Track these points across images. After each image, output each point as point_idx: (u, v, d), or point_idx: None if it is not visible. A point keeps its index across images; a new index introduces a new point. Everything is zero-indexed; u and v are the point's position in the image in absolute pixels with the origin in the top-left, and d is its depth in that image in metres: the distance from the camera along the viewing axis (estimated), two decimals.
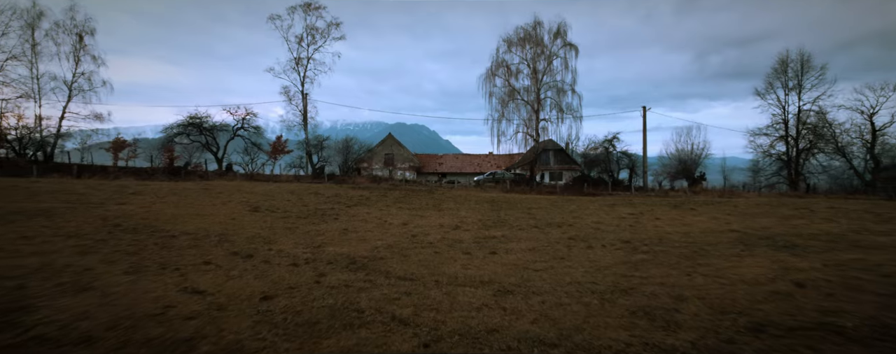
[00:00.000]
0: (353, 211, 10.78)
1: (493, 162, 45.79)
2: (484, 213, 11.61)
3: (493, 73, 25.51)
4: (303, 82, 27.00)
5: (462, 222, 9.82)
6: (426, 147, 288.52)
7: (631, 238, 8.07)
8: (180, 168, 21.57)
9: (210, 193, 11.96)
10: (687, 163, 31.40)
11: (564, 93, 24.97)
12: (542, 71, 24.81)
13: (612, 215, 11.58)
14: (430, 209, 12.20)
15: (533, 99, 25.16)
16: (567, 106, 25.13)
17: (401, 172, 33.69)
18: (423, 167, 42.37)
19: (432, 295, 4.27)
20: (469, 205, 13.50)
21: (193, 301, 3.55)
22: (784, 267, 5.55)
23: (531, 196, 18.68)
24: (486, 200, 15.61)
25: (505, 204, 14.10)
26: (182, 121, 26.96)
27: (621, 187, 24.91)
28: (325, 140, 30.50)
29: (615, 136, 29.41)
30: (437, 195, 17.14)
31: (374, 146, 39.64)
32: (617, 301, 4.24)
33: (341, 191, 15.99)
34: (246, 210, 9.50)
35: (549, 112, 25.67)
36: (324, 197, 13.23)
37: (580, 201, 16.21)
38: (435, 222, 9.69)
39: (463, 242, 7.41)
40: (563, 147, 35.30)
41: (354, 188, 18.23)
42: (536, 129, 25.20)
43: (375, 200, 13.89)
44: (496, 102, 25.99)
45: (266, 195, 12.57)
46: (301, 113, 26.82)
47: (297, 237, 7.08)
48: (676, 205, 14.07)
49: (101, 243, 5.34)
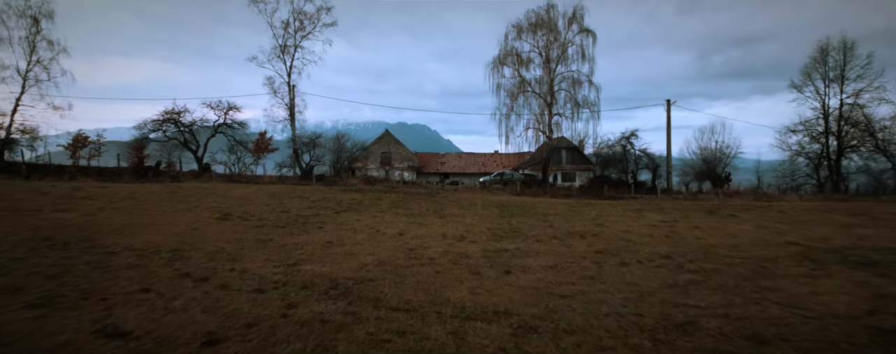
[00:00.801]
0: (341, 219, 10.06)
1: (499, 161, 45.05)
2: (493, 220, 10.88)
3: (501, 62, 24.73)
4: (289, 73, 26.26)
5: (468, 231, 9.09)
6: (427, 146, 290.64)
7: (670, 251, 7.31)
8: (151, 168, 20.90)
9: (176, 197, 11.28)
10: (711, 163, 30.57)
11: (580, 85, 24.20)
12: (556, 60, 24.02)
13: (642, 222, 10.82)
14: (431, 215, 11.47)
15: (545, 91, 24.38)
16: (583, 99, 24.36)
17: (399, 173, 32.99)
18: (424, 167, 41.67)
19: (433, 334, 3.54)
20: (475, 211, 12.76)
21: (108, 349, 2.82)
22: (875, 293, 4.78)
23: (545, 199, 17.91)
24: (495, 204, 14.86)
25: (516, 210, 13.36)
26: (157, 117, 26.32)
27: (643, 189, 24.13)
28: (317, 137, 29.81)
29: (633, 133, 28.60)
30: (439, 198, 16.40)
31: (369, 144, 38.97)
32: (675, 343, 3.49)
33: (330, 194, 15.28)
34: (214, 217, 8.79)
35: (562, 106, 24.90)
36: (309, 201, 12.53)
37: (601, 205, 15.44)
38: (436, 231, 8.96)
39: (470, 258, 6.68)
40: (575, 145, 34.53)
41: (346, 190, 17.51)
42: (549, 125, 24.43)
43: (368, 205, 13.17)
44: (504, 95, 25.24)
45: (242, 199, 11.87)
46: (287, 107, 26.07)
47: (269, 252, 6.36)
48: (712, 211, 13.30)
49: (16, 262, 4.63)
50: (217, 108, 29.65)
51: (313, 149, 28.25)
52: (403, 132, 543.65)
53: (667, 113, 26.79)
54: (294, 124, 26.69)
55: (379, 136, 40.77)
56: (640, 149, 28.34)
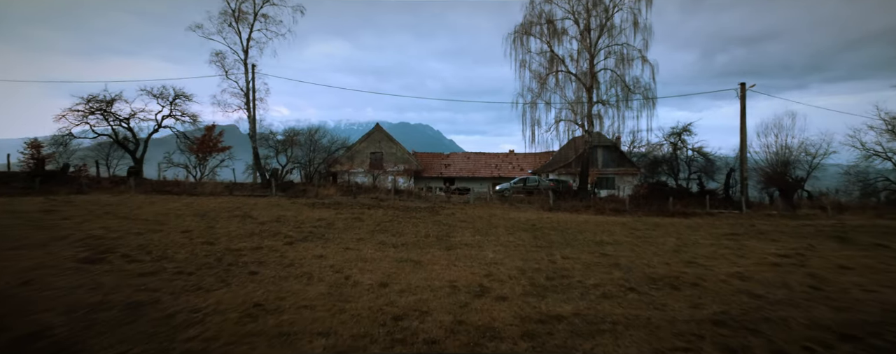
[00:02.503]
0: (294, 255, 7.96)
1: (516, 162, 42.93)
2: (526, 254, 8.74)
3: (526, 31, 22.44)
4: (246, 48, 24.05)
5: (491, 277, 6.96)
6: (430, 147, 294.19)
7: (840, 319, 5.10)
8: (52, 174, 18.78)
9: (46, 221, 9.41)
10: (777, 167, 28.31)
11: (630, 63, 21.94)
12: (599, 29, 21.81)
13: (753, 258, 8.63)
14: (433, 246, 9.36)
15: (584, 71, 22.21)
16: (634, 81, 22.14)
17: (392, 178, 30.88)
18: (425, 170, 39.63)
19: None
20: (497, 236, 10.63)
21: None
22: None
23: (590, 216, 15.70)
24: (523, 225, 12.72)
25: (555, 234, 11.21)
26: (78, 107, 24.48)
27: (714, 200, 21.91)
28: (295, 135, 27.61)
29: (686, 129, 26.21)
30: (445, 217, 14.29)
31: (355, 143, 36.93)
32: None
33: (290, 212, 13.20)
34: (77, 257, 6.74)
35: (606, 90, 22.71)
36: (254, 223, 10.48)
37: (673, 227, 13.24)
38: (441, 277, 6.85)
39: (501, 336, 4.53)
40: (613, 142, 32.14)
41: (314, 205, 15.44)
42: (588, 115, 22.23)
43: (342, 228, 11.08)
44: (529, 77, 22.99)
45: (152, 222, 9.87)
46: (243, 93, 23.96)
47: (137, 330, 4.24)
48: (843, 238, 11.07)
49: None
50: (161, 97, 27.98)
51: (290, 148, 26.11)
52: (405, 132, 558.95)
53: (741, 101, 24.42)
54: (253, 116, 24.62)
55: (368, 133, 38.75)
56: (693, 147, 26.01)
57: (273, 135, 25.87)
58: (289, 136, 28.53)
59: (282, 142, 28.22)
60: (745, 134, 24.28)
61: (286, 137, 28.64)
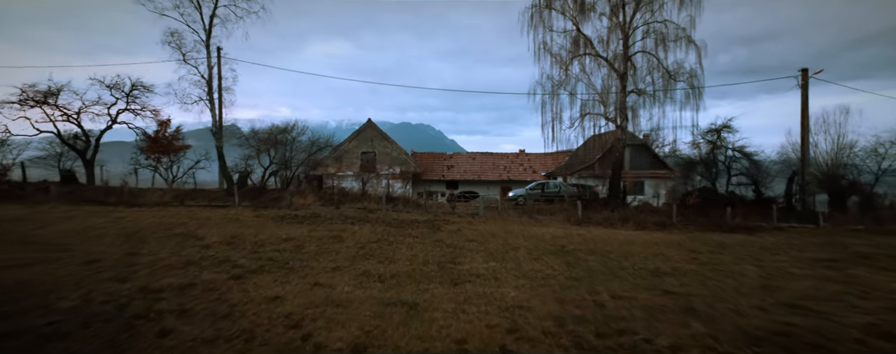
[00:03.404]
0: (237, 296, 6.29)
1: (528, 164, 41.22)
2: (560, 292, 7.05)
3: (548, 5, 20.69)
4: (210, 26, 22.14)
5: (516, 335, 5.29)
6: (431, 147, 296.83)
7: None
8: None
9: None
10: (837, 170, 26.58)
11: (675, 44, 20.14)
12: (634, 3, 20.04)
13: (881, 300, 6.93)
14: (434, 278, 7.70)
15: (616, 54, 20.46)
16: (676, 66, 20.37)
17: (386, 182, 29.21)
18: (424, 173, 37.95)
19: None
20: (517, 264, 8.95)
21: None
22: None
23: (631, 232, 13.97)
24: (548, 246, 11.03)
25: (593, 259, 9.52)
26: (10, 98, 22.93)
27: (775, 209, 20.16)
28: (280, 133, 25.72)
29: (726, 125, 24.46)
30: (449, 234, 12.60)
31: (343, 141, 35.23)
32: None
33: (251, 229, 11.55)
34: None
35: (642, 77, 20.94)
36: (199, 245, 8.84)
37: (742, 248, 11.54)
38: (444, 332, 5.20)
39: None
40: (642, 140, 30.40)
41: (285, 219, 13.79)
42: (621, 107, 20.48)
43: (316, 251, 9.42)
44: (550, 62, 21.21)
45: (55, 246, 8.27)
46: (205, 81, 22.17)
47: None
48: None
49: None
50: (115, 88, 26.45)
51: (273, 148, 24.29)
52: (406, 132, 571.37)
53: (802, 91, 22.52)
54: (219, 108, 22.84)
55: (358, 129, 37.06)
56: (734, 146, 24.26)
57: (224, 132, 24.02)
58: (272, 134, 26.75)
59: (264, 140, 26.44)
60: (807, 130, 22.58)
61: (270, 135, 26.88)
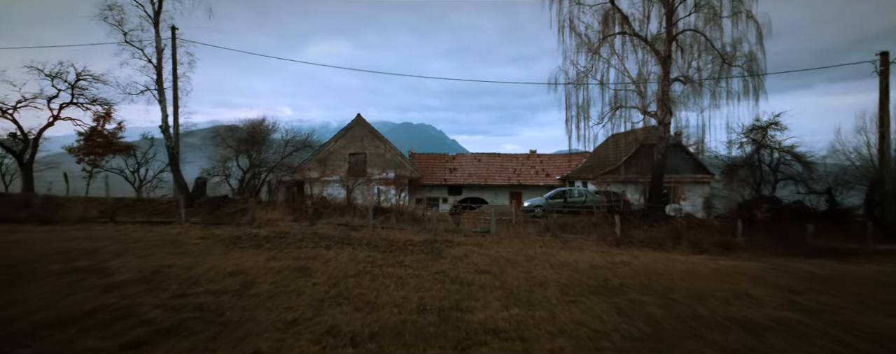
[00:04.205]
0: None
1: (540, 166, 39.13)
2: None
3: None
4: (159, 3, 19.99)
5: None
6: (432, 147, 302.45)
7: None
8: None
9: None
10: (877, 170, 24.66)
11: (729, 22, 18.02)
12: None
13: None
14: (432, 337, 5.71)
15: (658, 34, 18.34)
16: (731, 46, 18.25)
17: (377, 189, 27.03)
18: (423, 177, 35.82)
19: None
20: (550, 312, 6.78)
21: None
22: None
23: (686, 258, 11.76)
24: (587, 281, 8.86)
25: (654, 305, 7.35)
26: None
27: (850, 222, 17.96)
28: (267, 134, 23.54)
29: (773, 121, 22.51)
30: (453, 262, 10.41)
31: (327, 141, 33.08)
32: None
33: (187, 258, 9.37)
34: None
35: (685, 62, 18.81)
36: (100, 286, 6.72)
37: (852, 283, 9.39)
38: None
39: None
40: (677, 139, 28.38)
41: (241, 240, 11.64)
42: (664, 97, 18.30)
43: (269, 292, 7.27)
44: (576, 44, 19.16)
45: None
46: (153, 66, 20.08)
47: None
48: None
49: None
50: (57, 77, 24.43)
51: (253, 148, 22.08)
52: (407, 133, 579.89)
53: (881, 78, 20.30)
54: (174, 101, 20.78)
55: (345, 127, 34.86)
56: (782, 146, 22.28)
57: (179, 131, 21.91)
58: (251, 131, 24.55)
59: (245, 139, 24.17)
60: (887, 126, 20.41)
61: (249, 132, 24.64)
